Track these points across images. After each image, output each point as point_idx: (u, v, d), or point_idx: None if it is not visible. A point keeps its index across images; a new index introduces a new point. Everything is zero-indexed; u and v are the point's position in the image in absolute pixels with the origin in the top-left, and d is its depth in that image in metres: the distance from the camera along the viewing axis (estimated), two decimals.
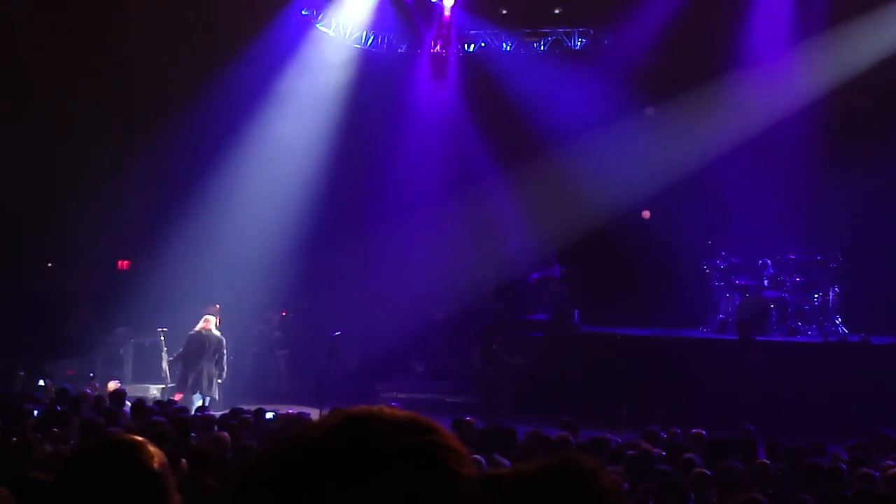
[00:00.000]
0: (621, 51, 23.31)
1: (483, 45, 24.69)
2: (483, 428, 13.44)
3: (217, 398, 18.48)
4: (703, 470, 10.04)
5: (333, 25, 23.30)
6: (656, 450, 11.43)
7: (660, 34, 22.60)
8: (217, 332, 18.67)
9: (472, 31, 24.58)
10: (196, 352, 18.54)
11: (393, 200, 23.82)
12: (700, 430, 13.46)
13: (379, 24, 23.97)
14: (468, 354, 21.48)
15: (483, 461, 10.06)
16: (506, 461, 10.19)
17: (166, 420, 12.13)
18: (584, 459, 2.41)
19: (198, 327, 18.75)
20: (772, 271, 21.68)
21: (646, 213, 23.67)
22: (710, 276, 22.24)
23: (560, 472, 2.35)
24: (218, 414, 14.06)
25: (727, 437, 12.96)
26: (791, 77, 22.23)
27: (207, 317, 18.87)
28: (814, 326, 21.14)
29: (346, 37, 23.60)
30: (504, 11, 24.16)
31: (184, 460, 9.14)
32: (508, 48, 24.45)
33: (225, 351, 18.64)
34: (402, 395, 20.68)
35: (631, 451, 11.19)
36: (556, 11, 24.01)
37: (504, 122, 23.87)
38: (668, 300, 22.71)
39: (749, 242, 22.05)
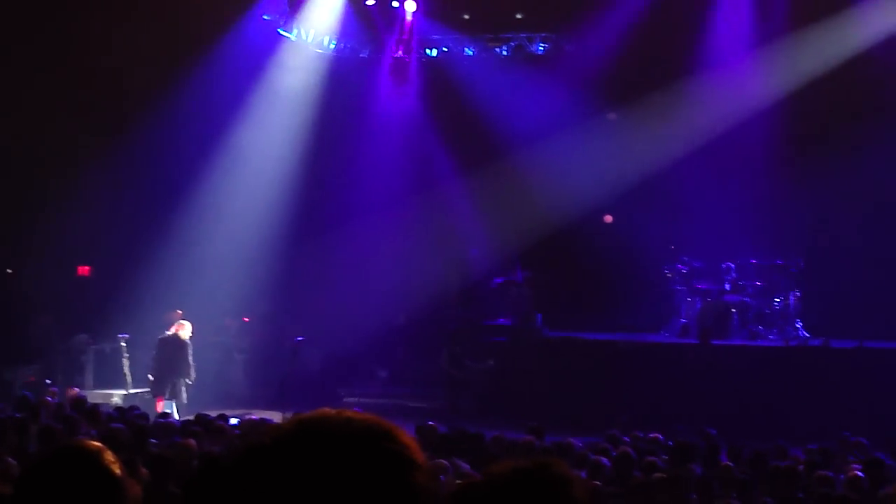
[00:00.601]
0: (583, 56, 23.36)
1: (445, 50, 24.69)
2: (448, 432, 13.42)
3: (184, 401, 18.43)
4: (665, 474, 10.05)
5: (295, 30, 23.22)
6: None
7: (621, 40, 22.67)
8: (183, 336, 18.60)
9: (434, 36, 24.57)
10: (159, 356, 18.54)
11: (355, 206, 23.78)
12: (657, 435, 13.49)
13: (341, 28, 23.89)
14: (434, 359, 21.47)
15: (448, 466, 10.04)
16: (466, 465, 10.19)
17: (125, 427, 12.02)
18: (557, 464, 2.39)
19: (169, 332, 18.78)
20: (733, 275, 21.80)
21: (608, 218, 23.72)
22: (672, 280, 22.32)
23: (532, 478, 2.33)
24: (179, 420, 13.94)
25: (689, 441, 12.98)
26: (751, 82, 22.36)
27: (181, 322, 18.83)
28: (775, 330, 21.27)
29: (309, 41, 23.53)
30: (466, 17, 24.15)
31: (143, 468, 9.04)
32: (470, 53, 24.45)
33: (188, 353, 18.56)
34: (366, 401, 20.63)
35: (594, 456, 11.19)
36: (518, 17, 24.03)
37: (466, 126, 23.87)
38: (630, 304, 22.79)
39: (710, 247, 22.13)
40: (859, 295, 21.00)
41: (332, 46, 24.08)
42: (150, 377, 18.76)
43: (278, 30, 23.01)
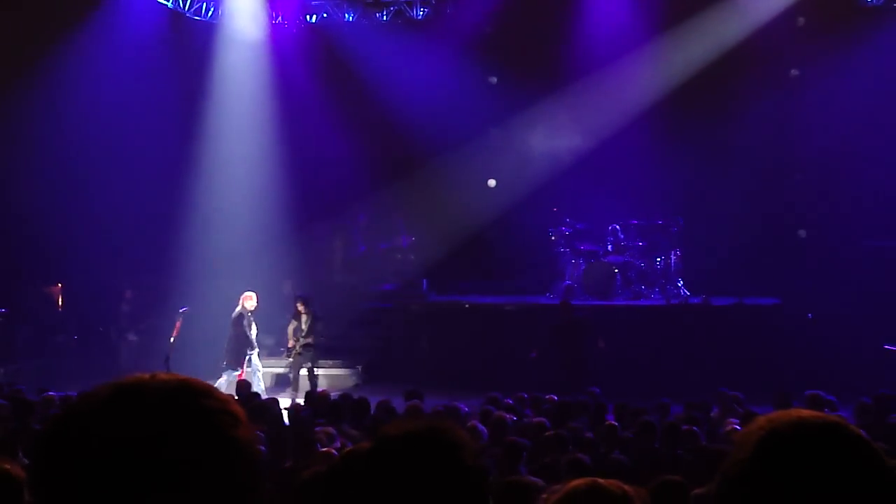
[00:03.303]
0: (463, 20, 23.31)
1: (325, 15, 24.44)
2: (335, 398, 13.46)
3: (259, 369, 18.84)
4: (551, 433, 10.19)
5: None
6: (508, 415, 11.55)
7: (500, 2, 22.76)
8: (247, 307, 18.74)
9: (313, 2, 24.29)
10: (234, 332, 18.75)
11: (241, 175, 23.38)
12: (552, 396, 13.64)
13: None
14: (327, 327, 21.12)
15: (335, 432, 10.08)
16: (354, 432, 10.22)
17: (7, 403, 11.81)
18: (448, 427, 2.41)
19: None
20: (616, 237, 22.09)
21: (491, 182, 23.84)
22: (557, 242, 22.53)
23: (423, 441, 2.36)
24: (57, 396, 13.61)
25: (574, 401, 13.17)
26: (630, 47, 22.56)
27: (247, 293, 18.83)
28: (657, 289, 21.64)
29: (185, 8, 23.06)
30: None
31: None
32: (351, 18, 24.25)
33: (235, 325, 18.61)
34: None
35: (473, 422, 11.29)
36: None
37: (350, 92, 23.70)
38: (515, 267, 23.02)
39: (594, 209, 22.38)
40: (737, 253, 21.48)
41: (210, 14, 23.61)
42: (248, 352, 18.60)
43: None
